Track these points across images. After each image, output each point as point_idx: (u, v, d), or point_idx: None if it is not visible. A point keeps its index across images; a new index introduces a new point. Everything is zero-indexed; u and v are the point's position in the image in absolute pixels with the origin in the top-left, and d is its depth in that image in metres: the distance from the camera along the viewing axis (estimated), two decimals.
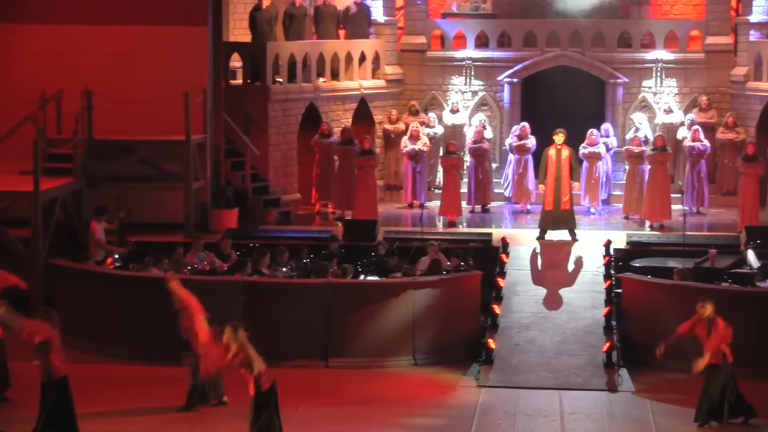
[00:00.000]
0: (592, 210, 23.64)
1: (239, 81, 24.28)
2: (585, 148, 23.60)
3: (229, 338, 12.93)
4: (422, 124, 24.93)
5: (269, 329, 16.57)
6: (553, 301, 18.66)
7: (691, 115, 25.04)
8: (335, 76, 25.35)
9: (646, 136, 24.30)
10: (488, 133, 25.08)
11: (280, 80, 24.15)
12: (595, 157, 23.63)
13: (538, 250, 20.56)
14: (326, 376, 16.62)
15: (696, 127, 24.12)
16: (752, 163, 22.47)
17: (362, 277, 18.35)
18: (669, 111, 25.22)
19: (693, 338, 16.67)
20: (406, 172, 24.44)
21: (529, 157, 24.06)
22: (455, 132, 25.56)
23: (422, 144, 24.30)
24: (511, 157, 24.40)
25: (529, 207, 23.97)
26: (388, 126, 25.69)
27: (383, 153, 25.75)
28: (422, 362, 17.45)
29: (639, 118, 24.84)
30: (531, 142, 24.04)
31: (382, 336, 17.27)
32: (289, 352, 16.70)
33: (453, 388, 16.42)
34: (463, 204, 23.69)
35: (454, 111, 25.76)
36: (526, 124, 24.28)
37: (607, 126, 24.56)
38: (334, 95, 25.20)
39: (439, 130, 25.50)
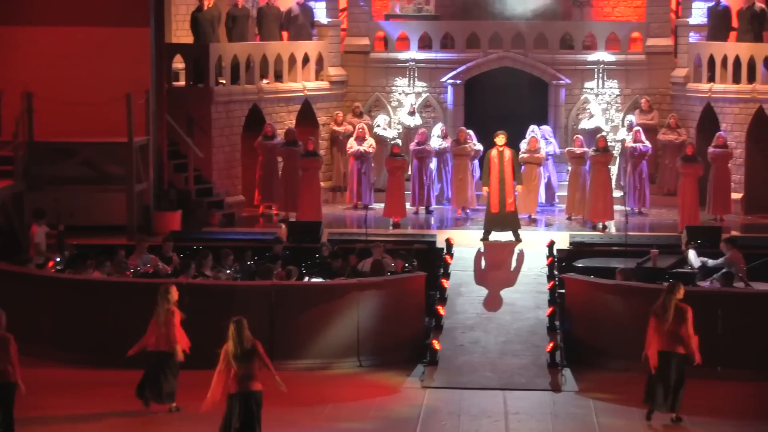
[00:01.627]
0: (532, 216, 23.16)
1: (182, 83, 24.17)
2: (525, 153, 23.26)
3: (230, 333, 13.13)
4: (368, 125, 24.98)
5: (213, 332, 16.46)
6: (496, 302, 18.73)
7: (631, 117, 25.25)
8: (279, 77, 25.30)
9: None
10: (443, 143, 24.66)
11: (223, 82, 24.06)
12: (535, 162, 23.33)
13: (482, 251, 20.63)
14: (270, 378, 16.54)
15: (637, 128, 24.33)
16: (691, 164, 22.68)
17: (306, 279, 18.33)
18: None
19: (636, 336, 16.89)
20: (352, 173, 24.44)
21: (470, 162, 23.74)
22: (412, 134, 25.34)
23: (368, 145, 24.33)
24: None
25: (468, 212, 23.67)
26: (336, 128, 25.65)
27: (328, 154, 25.73)
28: (367, 364, 17.46)
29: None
30: (476, 146, 23.72)
31: (326, 338, 17.26)
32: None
33: (397, 389, 16.45)
34: (407, 205, 23.73)
35: (411, 113, 25.69)
36: (463, 128, 24.03)
37: (534, 128, 24.11)
38: (277, 97, 25.14)
39: (390, 134, 25.44)
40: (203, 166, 23.28)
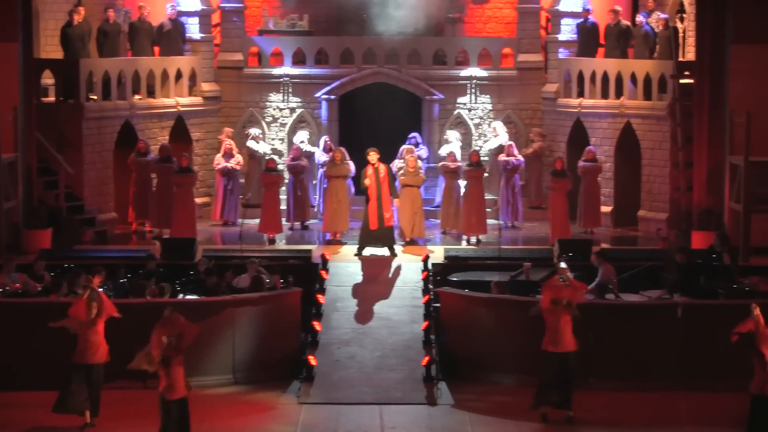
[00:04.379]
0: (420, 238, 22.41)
1: (52, 98, 23.75)
2: (403, 175, 22.35)
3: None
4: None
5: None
6: (372, 317, 18.78)
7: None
8: (151, 93, 25.04)
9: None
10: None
11: (95, 98, 23.72)
12: (416, 184, 22.33)
13: (357, 266, 20.65)
14: (145, 397, 16.33)
15: (510, 142, 24.63)
16: (561, 179, 23.02)
17: (181, 296, 18.16)
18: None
19: (509, 348, 17.13)
20: (217, 190, 24.33)
21: (349, 182, 23.10)
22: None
23: (235, 162, 24.26)
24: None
25: (341, 237, 22.52)
26: (254, 146, 25.31)
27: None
28: (242, 380, 17.39)
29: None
30: (350, 167, 23.02)
31: (201, 354, 17.11)
32: (107, 374, 16.35)
33: (274, 406, 16.41)
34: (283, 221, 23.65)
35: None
36: (341, 148, 23.30)
37: (412, 148, 23.86)
38: (150, 113, 24.88)
39: (310, 148, 24.98)
40: (74, 183, 22.89)
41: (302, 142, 25.30)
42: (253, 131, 25.65)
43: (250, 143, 25.36)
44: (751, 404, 14.61)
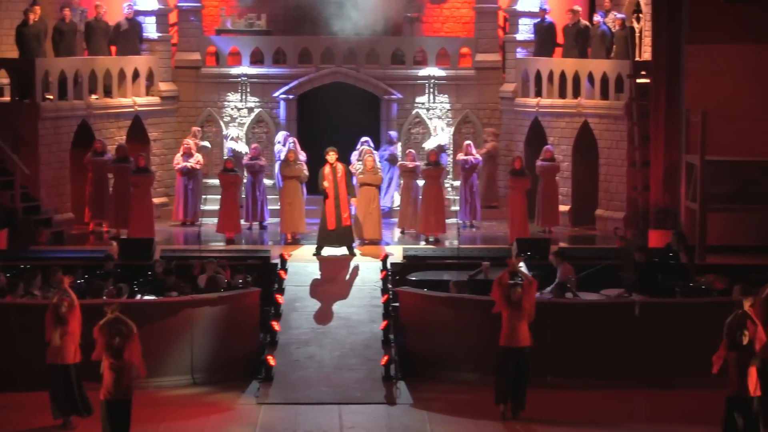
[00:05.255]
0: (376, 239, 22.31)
1: (7, 98, 23.56)
2: (361, 174, 22.37)
3: None
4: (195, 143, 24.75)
5: (44, 351, 16.12)
6: (331, 317, 18.76)
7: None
8: (108, 93, 24.90)
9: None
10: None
11: (51, 97, 23.55)
12: (374, 184, 22.35)
13: (316, 266, 20.63)
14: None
15: (468, 141, 24.68)
16: (519, 178, 23.09)
17: (139, 296, 18.08)
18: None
19: (467, 349, 17.15)
20: (178, 189, 24.24)
21: (301, 184, 22.82)
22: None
23: (195, 161, 24.18)
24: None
25: (299, 237, 22.50)
26: (236, 147, 25.22)
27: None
28: (201, 381, 17.33)
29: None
30: (303, 168, 22.82)
31: (159, 355, 17.04)
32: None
33: (232, 407, 16.35)
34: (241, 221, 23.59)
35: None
36: (293, 149, 23.17)
37: (369, 148, 23.89)
38: (107, 112, 24.73)
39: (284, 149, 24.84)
40: (30, 183, 22.72)
41: (279, 142, 25.25)
42: (232, 132, 25.60)
43: (231, 144, 25.32)
44: (726, 406, 14.17)
